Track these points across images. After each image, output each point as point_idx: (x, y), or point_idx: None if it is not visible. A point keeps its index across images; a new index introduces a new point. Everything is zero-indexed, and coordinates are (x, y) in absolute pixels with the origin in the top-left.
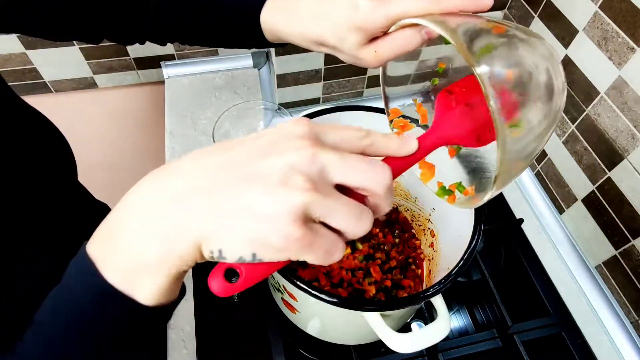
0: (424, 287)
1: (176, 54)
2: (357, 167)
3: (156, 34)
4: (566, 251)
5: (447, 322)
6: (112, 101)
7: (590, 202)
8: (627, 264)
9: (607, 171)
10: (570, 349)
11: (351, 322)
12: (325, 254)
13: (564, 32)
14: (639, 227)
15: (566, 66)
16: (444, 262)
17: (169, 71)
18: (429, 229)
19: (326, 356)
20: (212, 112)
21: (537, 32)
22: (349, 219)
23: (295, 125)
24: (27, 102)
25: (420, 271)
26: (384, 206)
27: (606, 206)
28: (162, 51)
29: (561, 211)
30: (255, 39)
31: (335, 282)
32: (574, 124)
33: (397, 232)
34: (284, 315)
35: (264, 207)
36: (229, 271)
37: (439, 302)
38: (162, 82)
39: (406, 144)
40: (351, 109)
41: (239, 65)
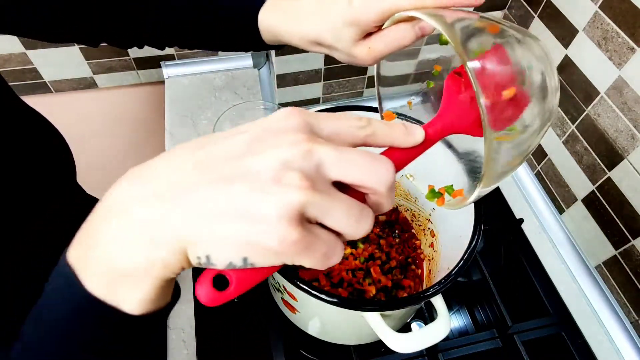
0: (424, 287)
1: (176, 54)
2: (356, 162)
3: (155, 37)
4: (566, 251)
5: (447, 322)
6: (112, 101)
7: (590, 202)
8: (627, 264)
9: (607, 171)
10: (570, 349)
11: (351, 322)
12: (323, 258)
13: (564, 32)
14: (639, 227)
15: (566, 66)
16: (444, 262)
17: (169, 71)
18: (429, 229)
19: (326, 356)
20: (212, 112)
21: (537, 32)
22: (349, 219)
23: (287, 116)
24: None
25: (420, 271)
26: (385, 204)
27: (606, 206)
28: (162, 51)
29: (561, 211)
30: (252, 40)
31: (335, 282)
32: (574, 124)
33: (397, 232)
34: (284, 315)
35: (255, 207)
36: (217, 278)
37: (439, 302)
38: (162, 82)
39: (412, 134)
40: (351, 109)
41: (239, 65)
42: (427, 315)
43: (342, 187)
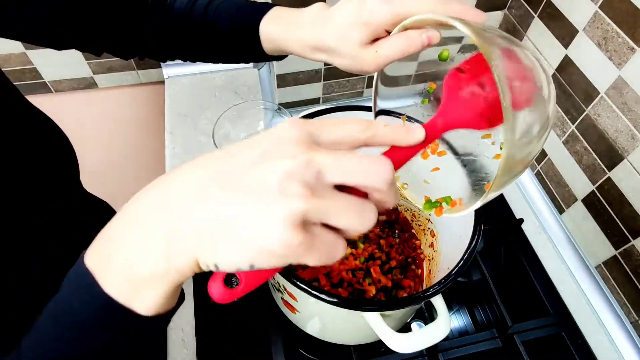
0: (424, 287)
1: None
2: (353, 166)
3: (156, 49)
4: (566, 251)
5: (447, 322)
6: (112, 101)
7: (590, 202)
8: (627, 264)
9: (607, 171)
10: (570, 349)
11: (351, 322)
12: (326, 255)
13: (564, 32)
14: (639, 227)
15: (566, 66)
16: (444, 262)
17: (169, 71)
18: (429, 229)
19: (326, 356)
20: (212, 112)
21: (537, 32)
22: (350, 216)
23: (288, 129)
24: None
25: (420, 271)
26: (389, 200)
27: (606, 206)
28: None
29: (561, 211)
30: (253, 52)
31: (335, 282)
32: (574, 124)
33: (397, 232)
34: (284, 315)
35: (261, 217)
36: (228, 276)
37: (439, 302)
38: (162, 82)
39: (412, 133)
40: (351, 109)
41: (239, 65)
42: (427, 315)
43: (346, 188)
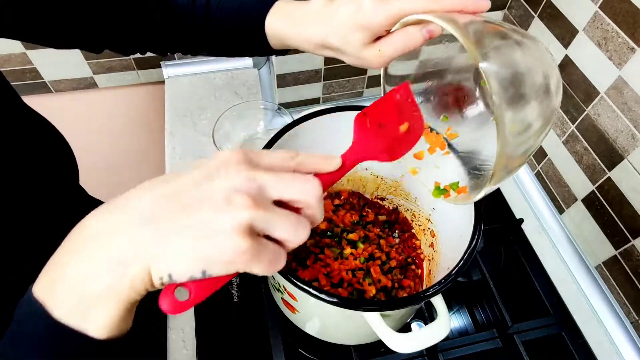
0: (424, 287)
1: (176, 54)
2: (289, 183)
3: (158, 42)
4: (566, 251)
5: (447, 322)
6: (112, 101)
7: (590, 202)
8: (627, 264)
9: (607, 171)
10: (570, 349)
11: (351, 322)
12: (270, 264)
13: (564, 32)
14: (639, 227)
15: (566, 66)
16: (444, 262)
17: (169, 71)
18: (429, 229)
19: (326, 356)
20: (212, 112)
21: (537, 32)
22: (289, 228)
23: (230, 154)
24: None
25: (420, 271)
26: (317, 215)
27: (606, 206)
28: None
29: (561, 211)
30: (258, 46)
31: (335, 282)
32: (574, 124)
33: (397, 232)
34: (284, 315)
35: (212, 225)
36: (179, 289)
37: (439, 302)
38: (162, 82)
39: (330, 161)
40: (351, 109)
41: (239, 65)
42: (427, 315)
43: (282, 205)
